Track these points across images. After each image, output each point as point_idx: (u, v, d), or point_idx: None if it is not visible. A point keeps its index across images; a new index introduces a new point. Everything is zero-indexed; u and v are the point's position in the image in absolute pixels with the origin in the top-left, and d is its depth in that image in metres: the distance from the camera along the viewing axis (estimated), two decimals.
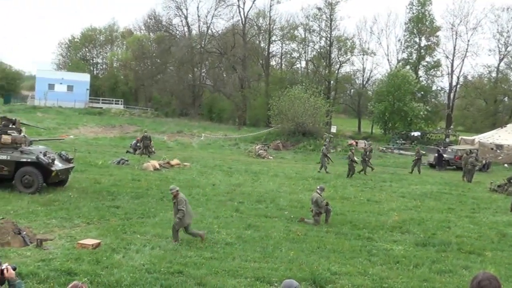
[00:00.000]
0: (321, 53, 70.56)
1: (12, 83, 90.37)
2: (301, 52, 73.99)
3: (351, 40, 69.83)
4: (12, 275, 5.53)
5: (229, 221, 15.27)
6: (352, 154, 28.76)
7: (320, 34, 69.92)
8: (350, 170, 28.23)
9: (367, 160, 30.06)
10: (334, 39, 68.43)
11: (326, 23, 68.30)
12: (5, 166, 17.61)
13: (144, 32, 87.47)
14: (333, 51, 69.50)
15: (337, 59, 70.44)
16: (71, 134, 42.83)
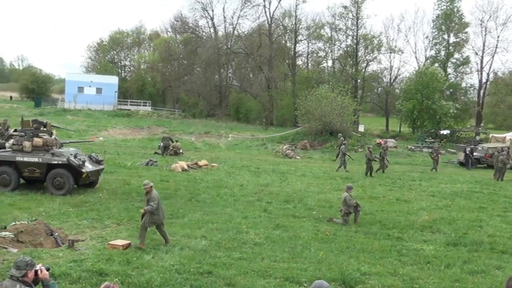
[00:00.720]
0: (347, 52, 70.19)
1: (43, 87, 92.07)
2: (327, 51, 73.80)
3: (378, 38, 69.42)
4: (46, 276, 5.63)
5: (258, 221, 15.28)
6: (370, 152, 28.54)
7: (346, 32, 69.60)
8: (368, 168, 28.09)
9: (385, 158, 29.77)
10: (361, 37, 68.03)
11: (352, 22, 68.00)
12: (37, 168, 17.91)
13: (171, 34, 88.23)
14: (359, 50, 69.10)
15: (364, 58, 70.01)
16: (101, 136, 43.39)
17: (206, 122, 62.13)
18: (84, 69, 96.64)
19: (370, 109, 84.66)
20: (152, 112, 71.69)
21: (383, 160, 29.77)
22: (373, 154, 28.69)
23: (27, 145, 18.04)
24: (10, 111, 60.24)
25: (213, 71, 76.27)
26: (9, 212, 14.58)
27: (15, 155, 17.99)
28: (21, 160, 17.90)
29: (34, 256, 9.41)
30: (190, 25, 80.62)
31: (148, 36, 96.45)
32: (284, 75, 75.52)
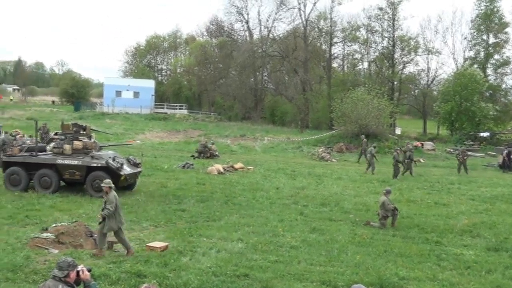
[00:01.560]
0: (384, 54, 69.43)
1: (82, 91, 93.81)
2: (363, 53, 73.17)
3: (415, 39, 68.34)
4: (87, 277, 5.73)
5: (294, 224, 15.25)
6: (398, 154, 28.16)
7: (382, 34, 68.82)
8: (395, 171, 27.77)
9: (410, 161, 29.21)
10: (397, 39, 67.19)
11: (388, 23, 67.21)
12: (77, 171, 18.27)
13: (206, 37, 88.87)
14: (396, 51, 68.23)
15: (401, 60, 69.08)
16: (138, 139, 43.95)
17: (241, 125, 62.32)
18: (122, 73, 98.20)
19: (407, 111, 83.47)
20: (188, 115, 72.34)
21: (411, 162, 29.36)
22: (400, 156, 28.34)
23: (67, 148, 18.42)
24: (51, 115, 61.61)
25: (249, 74, 76.48)
26: (50, 214, 14.90)
27: (55, 158, 18.39)
28: (61, 163, 18.28)
29: (74, 257, 9.58)
30: (226, 29, 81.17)
31: (184, 40, 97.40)
32: (320, 77, 75.24)
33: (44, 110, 70.71)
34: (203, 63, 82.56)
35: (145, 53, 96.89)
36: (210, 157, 32.64)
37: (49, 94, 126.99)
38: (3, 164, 18.88)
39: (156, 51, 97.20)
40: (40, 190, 18.01)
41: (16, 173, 18.39)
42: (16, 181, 18.36)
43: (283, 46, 72.83)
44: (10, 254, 10.78)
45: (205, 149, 33.39)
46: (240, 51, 73.31)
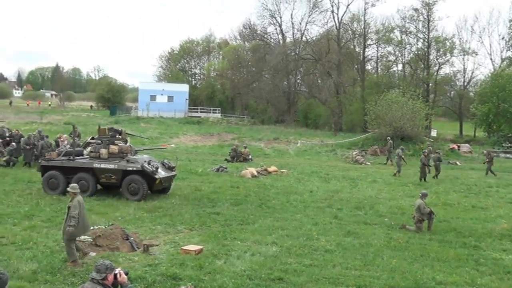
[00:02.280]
0: (418, 55, 68.50)
1: (117, 96, 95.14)
2: (397, 55, 72.30)
3: (451, 40, 67.25)
4: (124, 280, 5.81)
5: (328, 228, 15.16)
6: (425, 157, 27.74)
7: (417, 35, 67.91)
8: (423, 173, 27.35)
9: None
10: (432, 40, 66.19)
11: (423, 24, 66.28)
12: (113, 175, 18.53)
13: (239, 41, 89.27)
14: (431, 53, 67.22)
15: (436, 61, 68.01)
16: (172, 143, 44.36)
17: (275, 128, 62.33)
18: (156, 78, 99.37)
19: (443, 113, 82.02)
20: (221, 119, 72.73)
21: (440, 163, 28.93)
22: (428, 159, 27.95)
23: (103, 152, 18.71)
24: (87, 120, 62.71)
25: (282, 77, 76.46)
26: (88, 217, 15.12)
27: (92, 162, 18.70)
28: (98, 167, 18.58)
29: (111, 260, 9.72)
30: (259, 32, 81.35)
31: (217, 44, 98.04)
32: (353, 80, 74.71)
33: (81, 115, 72.01)
34: (236, 66, 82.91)
35: (179, 58, 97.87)
36: (243, 160, 32.73)
37: (86, 99, 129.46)
38: (41, 168, 19.26)
39: (190, 56, 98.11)
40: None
41: (54, 177, 18.75)
42: (54, 185, 18.71)
43: (316, 49, 72.57)
44: (49, 257, 10.99)
45: (237, 153, 33.50)
46: (273, 55, 73.36)
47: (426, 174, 27.55)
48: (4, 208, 15.97)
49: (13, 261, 10.59)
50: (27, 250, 11.45)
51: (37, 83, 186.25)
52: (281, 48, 74.20)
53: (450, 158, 39.96)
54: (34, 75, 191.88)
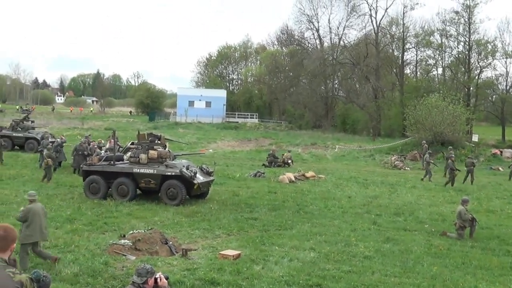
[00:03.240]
0: (459, 59, 67.18)
1: (156, 101, 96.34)
2: (437, 59, 71.07)
3: (492, 43, 65.74)
4: (165, 284, 5.87)
5: (367, 234, 15.00)
6: (452, 162, 27.19)
7: (457, 38, 66.61)
8: (450, 178, 26.92)
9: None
10: (473, 43, 64.83)
11: (464, 27, 64.94)
12: (152, 179, 18.75)
13: (277, 46, 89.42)
14: (472, 56, 65.81)
15: (477, 64, 66.55)
16: (210, 148, 44.65)
17: (312, 133, 62.13)
18: (194, 84, 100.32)
19: (485, 117, 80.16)
20: (259, 124, 72.89)
21: (473, 168, 28.39)
22: (455, 164, 27.46)
23: (143, 157, 18.96)
24: (127, 125, 63.75)
25: (319, 82, 76.20)
26: (128, 221, 15.36)
27: (132, 167, 18.97)
28: (137, 172, 18.83)
29: (151, 264, 9.83)
30: (296, 37, 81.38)
31: (255, 49, 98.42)
32: (392, 84, 73.83)
33: (121, 121, 73.22)
34: (274, 72, 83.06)
35: (217, 64, 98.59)
36: (281, 165, 32.73)
37: (125, 105, 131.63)
38: (83, 173, 19.64)
39: (227, 61, 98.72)
40: (118, 198, 18.60)
41: (95, 181, 19.09)
42: (95, 189, 19.04)
43: (354, 53, 72.11)
44: (90, 260, 11.19)
45: (275, 158, 33.52)
46: (310, 59, 73.23)
47: (454, 179, 27.12)
48: (47, 211, 16.29)
49: (55, 264, 10.79)
50: (69, 253, 11.67)
51: (79, 89, 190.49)
52: (319, 53, 73.98)
53: (493, 164, 39.07)
54: (76, 82, 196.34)
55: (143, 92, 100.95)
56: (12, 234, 4.04)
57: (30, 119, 38.04)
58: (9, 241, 4.02)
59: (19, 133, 34.94)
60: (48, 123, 57.57)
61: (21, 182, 22.01)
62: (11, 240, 4.03)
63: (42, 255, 11.00)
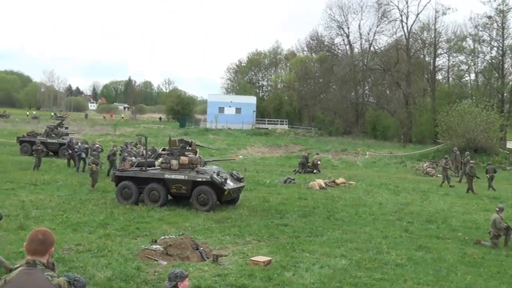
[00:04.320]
0: (492, 64, 66.05)
1: (187, 108, 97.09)
2: (470, 64, 69.99)
3: None
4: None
5: (398, 242, 14.83)
6: (471, 167, 26.80)
7: (490, 44, 65.50)
8: (469, 185, 26.69)
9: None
10: (507, 48, 63.63)
11: (497, 32, 63.87)
12: (183, 185, 18.88)
13: (306, 53, 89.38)
14: (506, 61, 64.61)
15: (511, 70, 65.49)
16: (240, 154, 44.79)
17: (342, 140, 61.83)
18: (224, 90, 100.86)
19: None
20: (289, 130, 72.88)
21: (494, 174, 28.02)
22: (474, 170, 27.02)
23: (174, 163, 19.11)
24: (158, 131, 64.38)
25: (349, 88, 75.84)
26: (159, 226, 15.50)
27: (163, 173, 19.13)
28: (169, 178, 18.99)
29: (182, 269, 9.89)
30: (326, 44, 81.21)
31: (284, 56, 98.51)
32: (423, 90, 73.00)
33: (152, 127, 73.99)
34: (304, 78, 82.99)
35: (247, 70, 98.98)
36: (311, 170, 32.73)
37: (156, 111, 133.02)
38: (115, 178, 19.89)
39: (257, 68, 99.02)
40: (149, 204, 18.78)
41: (127, 187, 19.32)
42: (127, 195, 19.27)
43: (384, 59, 71.61)
44: (123, 265, 11.31)
45: (307, 160, 33.53)
46: (340, 65, 72.96)
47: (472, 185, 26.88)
48: (81, 216, 16.59)
49: (89, 268, 10.95)
50: (102, 258, 11.82)
51: (111, 96, 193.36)
52: (349, 59, 73.68)
53: None
54: (108, 89, 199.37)
55: (174, 99, 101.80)
56: (50, 238, 4.12)
57: (64, 126, 38.77)
58: (47, 245, 4.09)
59: (53, 139, 35.67)
60: (81, 130, 58.51)
61: (55, 187, 22.41)
62: (49, 244, 4.10)
63: None
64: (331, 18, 75.67)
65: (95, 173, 22.56)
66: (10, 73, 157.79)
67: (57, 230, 13.82)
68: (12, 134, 48.74)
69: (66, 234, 13.94)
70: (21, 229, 14.26)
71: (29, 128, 53.18)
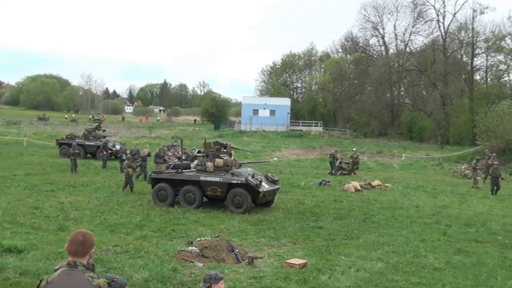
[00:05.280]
0: None
1: (221, 110, 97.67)
2: (509, 64, 68.51)
3: None
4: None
5: (436, 245, 14.59)
6: (496, 168, 26.09)
7: None
8: (495, 186, 26.10)
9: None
10: None
11: None
12: (218, 187, 18.97)
13: (341, 54, 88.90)
14: None
15: None
16: (275, 157, 44.79)
17: (378, 142, 61.27)
18: (258, 93, 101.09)
19: None
20: (323, 132, 72.57)
21: (497, 179, 27.33)
22: (498, 170, 26.40)
23: (209, 165, 19.23)
24: (193, 134, 64.93)
25: (385, 89, 75.11)
26: (195, 228, 15.61)
27: (199, 175, 19.26)
28: (204, 180, 19.10)
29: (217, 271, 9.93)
30: (361, 45, 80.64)
31: (319, 57, 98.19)
32: (461, 91, 71.77)
33: (187, 129, 74.61)
34: (338, 79, 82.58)
35: (281, 72, 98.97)
36: (351, 171, 32.81)
37: (191, 114, 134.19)
38: (152, 180, 20.12)
39: (291, 70, 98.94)
40: (185, 205, 18.93)
41: (163, 189, 19.52)
42: (163, 197, 19.47)
43: (421, 59, 70.66)
44: (159, 266, 11.42)
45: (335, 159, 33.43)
46: (375, 67, 72.34)
47: (499, 187, 26.37)
48: (118, 218, 16.83)
49: (126, 269, 11.09)
50: (139, 259, 11.96)
51: (147, 99, 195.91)
52: (384, 60, 72.98)
53: None
54: (144, 92, 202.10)
55: (209, 101, 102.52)
56: (90, 240, 4.19)
57: (102, 128, 39.45)
58: (87, 246, 4.17)
59: (91, 141, 36.33)
60: (118, 132, 59.46)
61: (93, 189, 22.81)
62: (89, 245, 4.18)
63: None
64: (365, 19, 75.23)
65: (130, 177, 22.78)
66: (50, 77, 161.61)
67: (96, 231, 14.05)
68: (52, 137, 49.90)
69: (104, 235, 14.17)
70: (61, 230, 14.58)
71: (68, 130, 54.31)
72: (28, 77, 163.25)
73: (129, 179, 22.62)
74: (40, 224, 15.29)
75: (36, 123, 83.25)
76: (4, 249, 12.09)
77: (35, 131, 62.08)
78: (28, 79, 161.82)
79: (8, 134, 55.27)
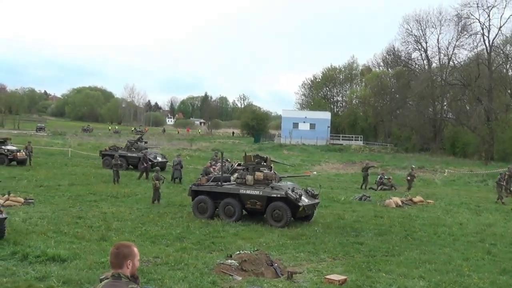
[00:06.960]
0: None
1: (261, 123, 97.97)
2: None
3: None
4: None
5: (480, 264, 14.20)
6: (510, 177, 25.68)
7: None
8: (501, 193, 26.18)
9: None
10: None
11: None
12: (258, 201, 18.97)
13: (382, 68, 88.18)
14: None
15: None
16: (314, 170, 44.58)
17: (419, 157, 60.31)
18: (299, 106, 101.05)
19: None
20: (363, 147, 72.01)
21: None
22: None
23: (249, 179, 19.26)
24: (233, 146, 65.26)
25: (427, 104, 74.02)
26: (234, 241, 15.62)
27: (239, 188, 19.31)
28: (244, 193, 19.13)
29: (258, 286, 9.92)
30: (403, 58, 79.80)
31: (360, 71, 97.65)
32: (506, 106, 70.05)
33: (227, 142, 75.06)
34: (379, 93, 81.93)
35: (321, 85, 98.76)
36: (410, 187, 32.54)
37: (231, 126, 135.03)
38: (192, 192, 20.26)
39: (332, 83, 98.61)
40: (225, 218, 18.98)
41: (203, 201, 19.63)
42: (203, 209, 19.57)
43: (464, 74, 69.38)
44: (199, 278, 11.47)
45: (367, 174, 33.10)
46: (418, 81, 71.41)
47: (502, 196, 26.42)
48: (159, 229, 17.01)
49: (166, 281, 11.17)
50: (178, 271, 12.03)
51: (188, 111, 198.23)
52: (427, 74, 71.99)
53: None
54: (185, 104, 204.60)
55: (249, 114, 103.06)
56: (123, 252, 4.25)
57: (144, 140, 40.04)
58: (120, 257, 4.23)
59: (133, 153, 36.89)
60: (159, 144, 60.19)
61: (135, 200, 23.15)
62: (122, 257, 4.23)
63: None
64: (408, 33, 74.51)
65: (157, 189, 22.79)
66: (94, 89, 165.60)
67: (137, 242, 14.19)
68: (95, 148, 50.91)
69: (145, 246, 14.31)
70: (103, 240, 14.82)
71: (111, 142, 55.38)
72: (74, 89, 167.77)
73: (155, 191, 22.70)
74: (83, 234, 15.57)
75: (81, 134, 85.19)
76: (48, 257, 12.35)
77: (80, 142, 63.45)
78: (74, 91, 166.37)
79: (53, 145, 56.62)
